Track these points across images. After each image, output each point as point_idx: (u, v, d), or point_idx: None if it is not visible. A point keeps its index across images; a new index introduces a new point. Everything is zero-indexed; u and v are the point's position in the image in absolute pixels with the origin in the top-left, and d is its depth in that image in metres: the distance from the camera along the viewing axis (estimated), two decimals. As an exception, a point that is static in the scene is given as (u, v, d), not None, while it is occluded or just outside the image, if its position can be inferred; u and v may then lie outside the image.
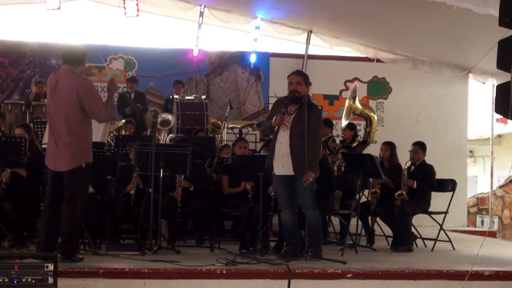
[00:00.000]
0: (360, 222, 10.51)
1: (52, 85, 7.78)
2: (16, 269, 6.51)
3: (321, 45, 17.62)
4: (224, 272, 7.42)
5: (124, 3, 16.49)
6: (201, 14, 16.99)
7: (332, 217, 11.58)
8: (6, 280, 6.47)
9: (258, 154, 11.14)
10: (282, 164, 8.45)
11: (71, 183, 7.77)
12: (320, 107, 14.45)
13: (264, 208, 9.11)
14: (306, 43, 17.54)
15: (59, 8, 16.23)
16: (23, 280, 6.51)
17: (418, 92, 18.08)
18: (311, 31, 17.29)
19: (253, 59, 17.69)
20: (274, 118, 8.46)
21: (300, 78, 8.56)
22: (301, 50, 17.78)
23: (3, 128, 12.63)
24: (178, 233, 10.25)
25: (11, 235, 8.92)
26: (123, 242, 10.01)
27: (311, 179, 8.28)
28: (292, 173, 8.42)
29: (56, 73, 7.97)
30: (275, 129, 8.51)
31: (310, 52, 17.71)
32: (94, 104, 7.86)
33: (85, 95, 7.80)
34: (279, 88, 16.20)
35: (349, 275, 7.57)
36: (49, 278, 6.56)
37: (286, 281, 7.36)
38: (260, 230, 9.04)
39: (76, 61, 7.94)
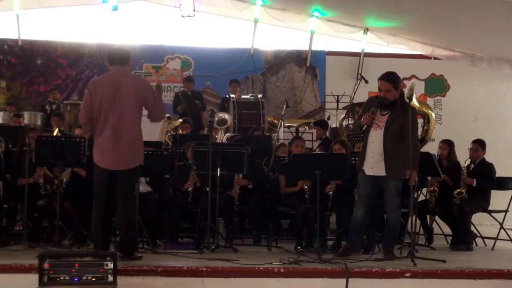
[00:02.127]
0: (418, 221, 10.42)
1: (115, 86, 7.82)
2: (77, 267, 6.60)
3: (377, 43, 17.52)
4: (282, 270, 7.42)
5: (180, 4, 16.60)
6: (257, 13, 17.02)
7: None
8: (67, 278, 6.57)
9: (314, 153, 11.10)
10: (372, 164, 8.41)
11: (128, 181, 7.89)
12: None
13: (321, 208, 9.06)
14: (363, 41, 17.45)
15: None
16: (83, 278, 6.60)
17: (476, 89, 17.85)
18: (367, 29, 17.19)
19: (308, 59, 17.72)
20: (363, 117, 8.45)
21: (389, 86, 8.47)
22: (357, 48, 17.70)
23: (62, 128, 12.79)
24: (235, 231, 10.27)
25: (71, 233, 9.08)
26: (181, 241, 10.08)
27: (415, 177, 8.31)
28: (381, 174, 8.38)
29: (111, 75, 8.03)
30: (364, 128, 8.48)
31: (366, 50, 17.62)
32: (156, 103, 8.09)
33: (151, 93, 8.01)
34: (335, 86, 16.22)
35: (407, 274, 7.51)
36: (109, 276, 6.62)
37: (344, 280, 7.33)
38: (317, 229, 9.00)
39: (124, 61, 8.05)
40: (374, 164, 8.39)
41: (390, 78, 8.55)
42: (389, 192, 8.41)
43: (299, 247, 9.43)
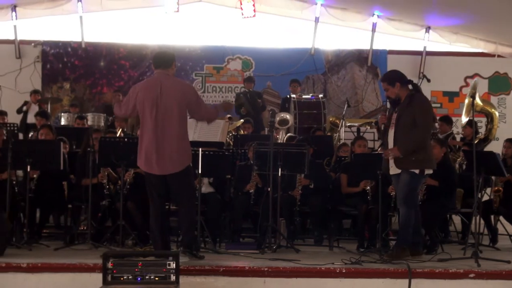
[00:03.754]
0: (482, 221, 10.28)
1: (156, 90, 7.83)
2: (140, 267, 6.67)
3: (439, 41, 17.35)
4: (344, 271, 7.39)
5: (241, 4, 16.68)
6: (318, 13, 17.00)
7: (454, 216, 11.36)
8: (130, 277, 6.64)
9: (376, 152, 11.03)
10: (392, 163, 8.28)
11: (184, 183, 7.92)
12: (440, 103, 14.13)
13: (383, 208, 9.00)
14: (424, 39, 17.30)
15: (177, 11, 16.58)
16: (146, 277, 6.66)
17: (543, 87, 17.61)
18: (429, 27, 17.04)
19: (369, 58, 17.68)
20: (379, 118, 8.42)
21: (385, 85, 8.39)
22: (419, 47, 17.55)
23: (125, 129, 12.93)
24: (297, 231, 10.26)
25: (134, 233, 9.16)
26: (243, 241, 10.10)
27: (390, 153, 8.11)
28: (397, 172, 8.24)
29: (153, 79, 8.08)
30: (382, 128, 8.39)
31: (428, 49, 17.45)
32: (202, 107, 8.17)
33: (194, 96, 8.06)
34: (397, 85, 16.06)
35: (471, 275, 7.41)
36: (171, 275, 6.67)
37: (406, 281, 7.28)
38: (379, 230, 8.94)
39: (167, 64, 8.04)
40: (392, 162, 8.26)
41: (384, 78, 8.56)
42: (398, 185, 8.27)
43: (361, 248, 9.38)
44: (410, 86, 8.41)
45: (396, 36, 17.65)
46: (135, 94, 7.94)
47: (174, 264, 6.69)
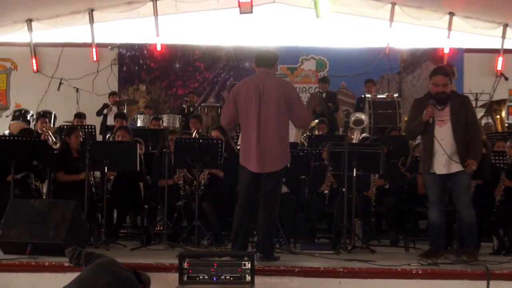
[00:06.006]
0: None
1: (259, 89, 7.78)
2: (215, 267, 6.73)
3: (518, 39, 17.08)
4: (420, 272, 7.30)
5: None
6: (392, 12, 16.89)
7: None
8: (206, 277, 6.70)
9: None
10: (443, 162, 8.02)
11: (274, 183, 7.86)
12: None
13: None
14: (502, 37, 17.01)
15: (251, 12, 16.64)
16: (222, 277, 6.71)
17: None
18: (507, 25, 16.73)
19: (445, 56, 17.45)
20: (425, 112, 8.10)
21: (446, 79, 8.20)
22: (496, 45, 17.26)
23: (200, 131, 13.03)
24: (372, 232, 10.19)
25: (209, 233, 9.20)
26: (318, 241, 10.09)
27: (474, 167, 7.88)
28: (453, 171, 7.98)
29: (256, 77, 7.99)
30: (426, 124, 8.18)
31: (506, 46, 17.15)
32: (301, 108, 7.98)
33: (295, 98, 7.92)
34: (473, 84, 15.91)
35: (552, 277, 7.26)
36: (247, 276, 6.71)
37: (484, 282, 7.15)
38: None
39: (270, 63, 8.03)
40: (446, 162, 7.99)
41: (446, 72, 8.33)
42: (460, 188, 8.03)
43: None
44: None
45: (473, 34, 17.42)
46: (235, 94, 7.90)
47: (250, 265, 6.73)
